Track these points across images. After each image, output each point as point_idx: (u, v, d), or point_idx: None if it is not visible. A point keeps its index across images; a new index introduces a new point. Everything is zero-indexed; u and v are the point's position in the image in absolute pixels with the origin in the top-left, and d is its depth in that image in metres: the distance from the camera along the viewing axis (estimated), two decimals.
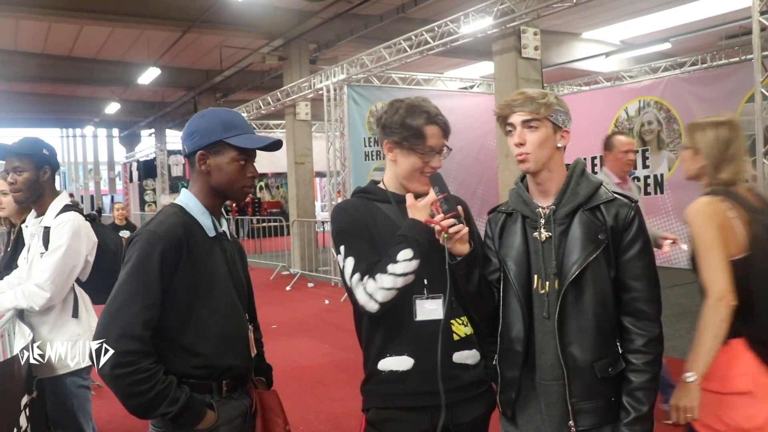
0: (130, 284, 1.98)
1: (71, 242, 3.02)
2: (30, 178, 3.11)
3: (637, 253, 2.05)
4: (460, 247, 2.11)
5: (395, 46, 10.60)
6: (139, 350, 1.93)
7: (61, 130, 33.44)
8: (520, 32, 8.99)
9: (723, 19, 13.34)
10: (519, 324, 2.14)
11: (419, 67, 14.98)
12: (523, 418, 2.19)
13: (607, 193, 2.10)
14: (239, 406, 2.20)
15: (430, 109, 2.22)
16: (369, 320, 2.25)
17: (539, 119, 2.07)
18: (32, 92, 23.21)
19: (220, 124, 2.14)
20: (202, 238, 2.14)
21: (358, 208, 2.27)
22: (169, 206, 2.21)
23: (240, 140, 2.13)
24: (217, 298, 2.14)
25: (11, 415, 2.40)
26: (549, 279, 2.08)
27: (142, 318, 1.95)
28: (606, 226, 2.05)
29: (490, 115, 10.87)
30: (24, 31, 15.34)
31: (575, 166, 2.16)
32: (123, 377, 1.91)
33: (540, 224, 2.12)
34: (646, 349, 2.03)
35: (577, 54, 16.06)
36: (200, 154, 2.14)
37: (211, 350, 2.10)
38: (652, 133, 10.81)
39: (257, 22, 13.81)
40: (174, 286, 2.04)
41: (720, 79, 9.96)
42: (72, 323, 3.11)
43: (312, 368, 6.66)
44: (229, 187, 2.17)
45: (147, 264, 1.99)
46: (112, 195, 32.70)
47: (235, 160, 2.14)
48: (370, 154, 11.52)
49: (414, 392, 2.19)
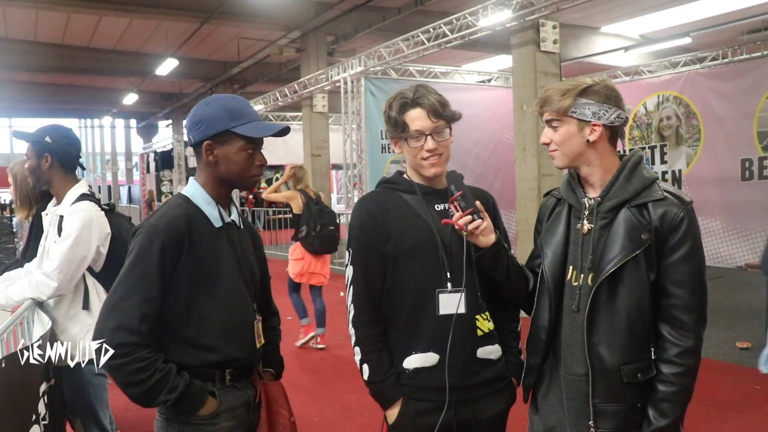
0: (130, 278, 2.00)
1: (81, 232, 2.99)
2: (32, 165, 3.14)
3: (681, 258, 1.96)
4: (483, 239, 2.11)
5: (413, 39, 10.56)
6: (135, 342, 1.95)
7: (79, 120, 33.62)
8: (539, 25, 8.91)
9: (744, 14, 13.17)
10: (546, 313, 2.14)
11: (437, 59, 14.91)
12: (545, 408, 2.18)
13: (658, 190, 2.00)
14: (242, 395, 2.20)
15: (408, 95, 2.21)
16: (390, 321, 2.26)
17: (559, 118, 2.05)
18: (51, 83, 23.37)
19: (226, 112, 2.10)
20: (208, 229, 2.13)
21: (375, 217, 2.26)
22: (174, 197, 2.21)
23: (247, 129, 2.10)
24: (221, 289, 2.13)
25: (30, 401, 2.42)
26: (584, 272, 2.05)
27: (139, 312, 1.97)
28: (651, 225, 1.96)
29: (507, 109, 10.85)
30: (43, 22, 15.44)
31: (629, 159, 2.08)
32: (122, 367, 1.94)
33: (584, 215, 2.09)
34: (679, 360, 1.95)
35: (596, 48, 15.92)
36: (207, 144, 2.11)
37: (214, 342, 2.10)
38: (671, 129, 10.70)
39: (275, 13, 13.81)
40: (176, 279, 2.04)
41: (741, 75, 9.83)
42: (83, 314, 3.09)
43: (327, 360, 6.68)
44: (238, 176, 2.15)
45: (147, 258, 1.99)
46: (129, 186, 32.89)
47: (243, 149, 2.11)
48: (386, 147, 11.49)
49: (439, 387, 2.18)
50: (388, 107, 2.26)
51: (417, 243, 2.21)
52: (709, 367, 6.06)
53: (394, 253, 2.22)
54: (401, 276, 2.22)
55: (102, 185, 34.96)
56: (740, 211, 9.65)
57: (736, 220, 9.75)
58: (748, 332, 7.15)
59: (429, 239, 2.21)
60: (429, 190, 2.28)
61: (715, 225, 10.00)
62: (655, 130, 10.93)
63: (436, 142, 2.19)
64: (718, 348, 6.69)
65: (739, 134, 9.66)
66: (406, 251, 2.21)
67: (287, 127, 2.18)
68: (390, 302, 2.25)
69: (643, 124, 11.11)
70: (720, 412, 4.98)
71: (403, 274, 2.22)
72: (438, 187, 2.30)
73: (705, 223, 9.93)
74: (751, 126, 9.49)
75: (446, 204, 2.25)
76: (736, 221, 9.75)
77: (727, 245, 9.88)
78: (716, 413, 4.95)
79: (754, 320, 7.49)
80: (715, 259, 9.95)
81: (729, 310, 8.33)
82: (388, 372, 2.22)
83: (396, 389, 2.21)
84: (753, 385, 5.54)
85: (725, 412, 4.98)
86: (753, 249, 9.52)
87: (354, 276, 2.27)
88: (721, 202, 9.89)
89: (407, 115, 2.19)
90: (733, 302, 8.78)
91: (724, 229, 9.92)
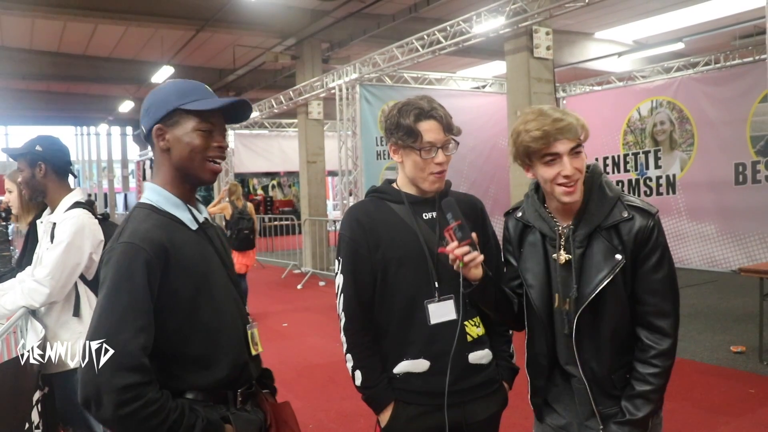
0: (115, 307, 1.67)
1: (73, 238, 3.00)
2: (26, 177, 3.18)
3: (652, 267, 2.02)
4: (474, 272, 2.08)
5: (407, 46, 10.60)
6: (142, 381, 1.63)
7: (75, 128, 33.56)
8: (533, 32, 8.97)
9: (737, 19, 13.25)
10: (542, 340, 2.17)
11: (431, 66, 14.97)
12: (559, 406, 2.23)
13: (623, 210, 2.02)
14: (254, 420, 1.98)
15: (423, 105, 2.19)
16: (381, 329, 2.28)
17: (582, 144, 1.99)
18: (47, 90, 23.35)
19: (174, 92, 1.87)
20: (186, 234, 1.87)
21: (364, 226, 2.27)
22: (135, 209, 1.89)
23: (198, 104, 1.85)
24: (217, 297, 1.90)
25: (24, 410, 2.43)
26: (569, 298, 2.08)
27: (136, 344, 1.64)
28: (623, 245, 2.00)
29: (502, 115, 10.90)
30: (39, 30, 15.46)
31: (593, 180, 2.07)
32: (132, 416, 1.60)
33: (560, 245, 2.09)
34: (656, 361, 2.02)
35: (589, 54, 15.99)
36: (156, 128, 1.85)
37: (222, 356, 1.88)
38: (665, 134, 10.76)
39: (270, 21, 13.85)
40: (168, 295, 1.76)
41: (733, 80, 9.90)
42: (73, 322, 3.09)
43: (322, 366, 6.68)
44: (192, 160, 1.86)
45: (130, 280, 1.69)
46: (126, 193, 32.85)
47: (196, 128, 1.85)
48: (381, 154, 11.52)
49: (430, 391, 2.22)
50: (398, 113, 2.21)
51: (405, 252, 2.23)
52: (703, 371, 6.08)
53: (383, 262, 2.24)
54: (391, 285, 2.24)
55: (98, 193, 34.89)
56: (734, 215, 9.70)
57: (729, 224, 9.80)
58: (742, 336, 7.16)
59: (416, 248, 2.23)
60: (416, 200, 2.29)
61: (709, 229, 10.05)
62: (648, 135, 10.99)
63: (445, 156, 2.21)
64: (712, 352, 6.70)
65: (732, 139, 9.72)
66: (395, 260, 2.23)
67: (242, 101, 1.93)
68: (380, 310, 2.27)
69: (637, 129, 11.17)
70: (714, 415, 4.99)
71: (393, 282, 2.24)
72: (426, 196, 2.30)
73: (699, 227, 9.98)
74: (744, 130, 9.54)
75: (433, 213, 2.27)
76: (730, 225, 9.80)
77: (720, 249, 9.93)
78: (710, 417, 4.96)
79: (748, 324, 7.50)
80: (709, 263, 9.99)
81: (723, 314, 8.35)
82: (380, 377, 2.24)
83: (387, 393, 2.24)
84: (747, 388, 5.55)
85: (719, 416, 4.99)
86: (747, 253, 9.56)
87: (344, 284, 2.28)
88: (715, 206, 9.94)
89: (421, 126, 2.17)
90: (726, 306, 8.80)
91: (717, 233, 9.97)
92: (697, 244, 10.19)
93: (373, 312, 2.28)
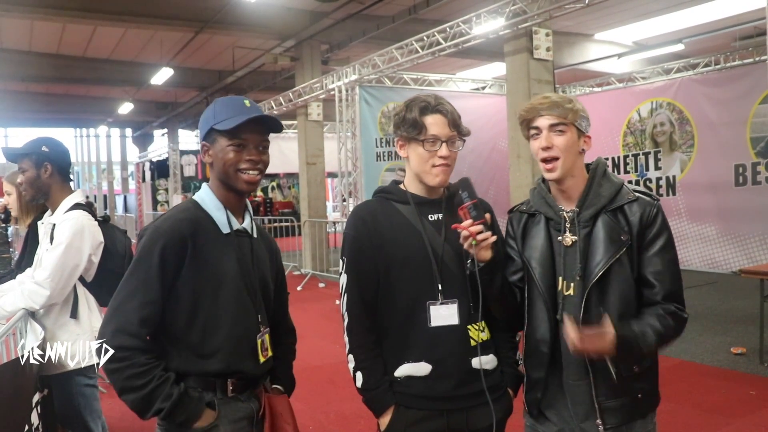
0: (131, 280, 1.99)
1: (72, 240, 3.00)
2: (31, 177, 3.17)
3: (660, 249, 2.08)
4: (483, 253, 2.09)
5: (407, 47, 10.59)
6: (135, 346, 1.94)
7: (74, 130, 33.54)
8: (532, 33, 8.96)
9: (737, 20, 13.23)
10: (545, 325, 2.16)
11: (431, 67, 14.95)
12: (551, 412, 2.21)
13: (629, 192, 2.11)
14: (245, 408, 2.14)
15: (430, 101, 2.21)
16: (383, 330, 2.27)
17: (566, 123, 2.09)
18: (46, 92, 23.33)
19: (212, 112, 2.09)
20: (215, 234, 2.09)
21: (368, 226, 2.27)
22: (185, 201, 2.19)
23: (224, 124, 2.04)
24: (225, 298, 2.07)
25: (23, 412, 2.42)
26: (574, 281, 2.09)
27: (139, 315, 1.95)
28: (629, 226, 2.06)
29: (502, 116, 10.91)
30: (39, 32, 15.44)
31: (597, 167, 2.17)
32: (119, 371, 1.93)
33: (565, 228, 2.13)
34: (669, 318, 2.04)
35: (589, 55, 15.98)
36: (202, 145, 2.14)
37: (215, 351, 2.06)
38: (665, 135, 10.74)
39: (269, 22, 13.83)
40: (180, 284, 2.01)
41: (733, 81, 9.88)
42: (71, 323, 3.08)
43: (322, 368, 6.67)
44: (225, 173, 2.08)
45: (147, 260, 1.98)
46: (125, 195, 32.84)
47: (228, 145, 2.06)
48: (381, 155, 11.52)
49: (431, 396, 2.20)
50: (405, 109, 2.24)
51: (409, 253, 2.22)
52: (703, 373, 6.08)
53: (387, 262, 2.22)
54: (393, 285, 2.23)
55: (98, 194, 34.89)
56: (734, 217, 9.68)
57: (729, 225, 9.78)
58: (743, 337, 7.16)
59: (421, 250, 2.22)
60: (423, 201, 2.28)
61: (709, 230, 10.03)
62: (648, 137, 10.97)
63: (450, 151, 2.20)
64: (712, 353, 6.69)
65: (732, 140, 9.70)
66: (398, 261, 2.22)
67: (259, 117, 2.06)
68: (383, 311, 2.26)
69: (637, 130, 11.15)
70: (715, 417, 4.99)
71: (396, 283, 2.23)
72: (433, 197, 2.29)
73: (699, 228, 9.96)
74: (744, 132, 9.53)
75: (440, 214, 2.26)
76: (730, 227, 9.78)
77: (721, 250, 9.91)
78: (711, 418, 4.95)
79: (748, 326, 7.50)
80: (710, 265, 9.97)
81: (723, 315, 8.34)
82: (381, 379, 2.23)
83: (388, 396, 2.22)
84: (747, 390, 5.55)
85: (720, 417, 4.99)
86: (747, 254, 9.54)
87: (348, 284, 2.27)
88: (715, 207, 9.92)
89: (426, 119, 2.19)
90: (727, 308, 8.80)
91: (718, 234, 9.95)
92: (697, 245, 10.17)
93: (377, 313, 2.27)
